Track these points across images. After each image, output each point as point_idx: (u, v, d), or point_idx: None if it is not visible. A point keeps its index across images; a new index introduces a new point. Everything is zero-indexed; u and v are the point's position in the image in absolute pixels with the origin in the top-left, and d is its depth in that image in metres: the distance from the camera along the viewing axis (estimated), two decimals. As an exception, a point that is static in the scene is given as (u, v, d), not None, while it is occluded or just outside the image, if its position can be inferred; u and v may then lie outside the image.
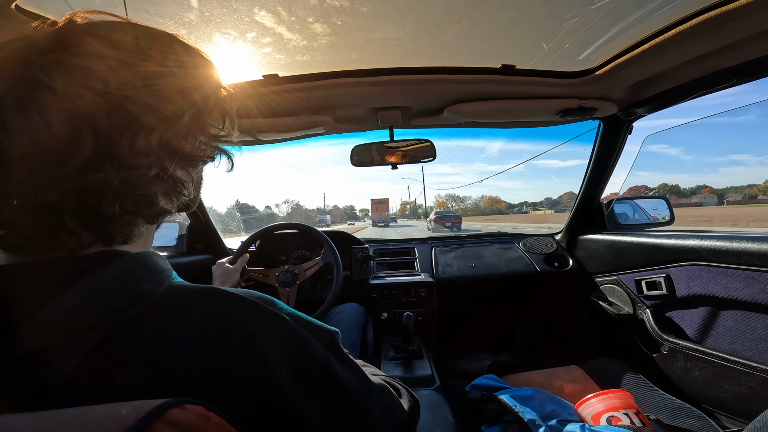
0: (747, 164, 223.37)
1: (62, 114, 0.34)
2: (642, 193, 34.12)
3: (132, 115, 0.38)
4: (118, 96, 0.37)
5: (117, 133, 0.37)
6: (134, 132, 0.38)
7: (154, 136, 0.40)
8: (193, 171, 0.49)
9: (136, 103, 0.38)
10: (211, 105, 0.47)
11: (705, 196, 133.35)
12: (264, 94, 1.26)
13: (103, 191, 0.37)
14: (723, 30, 0.93)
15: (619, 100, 1.45)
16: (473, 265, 2.03)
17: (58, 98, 0.34)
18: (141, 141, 0.39)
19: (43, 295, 0.34)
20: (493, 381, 1.26)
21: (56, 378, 0.32)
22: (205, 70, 0.47)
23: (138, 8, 0.89)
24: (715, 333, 1.23)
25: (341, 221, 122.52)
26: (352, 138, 1.79)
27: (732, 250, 1.13)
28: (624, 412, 1.00)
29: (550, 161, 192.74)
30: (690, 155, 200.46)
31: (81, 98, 0.35)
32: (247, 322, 0.40)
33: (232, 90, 0.51)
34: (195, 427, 0.29)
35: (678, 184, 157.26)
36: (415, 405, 0.64)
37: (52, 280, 0.35)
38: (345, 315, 1.55)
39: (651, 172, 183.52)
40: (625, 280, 1.64)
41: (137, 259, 0.41)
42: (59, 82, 0.34)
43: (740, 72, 1.10)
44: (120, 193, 0.38)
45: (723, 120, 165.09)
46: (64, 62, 0.35)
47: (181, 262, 1.71)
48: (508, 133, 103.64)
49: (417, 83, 1.30)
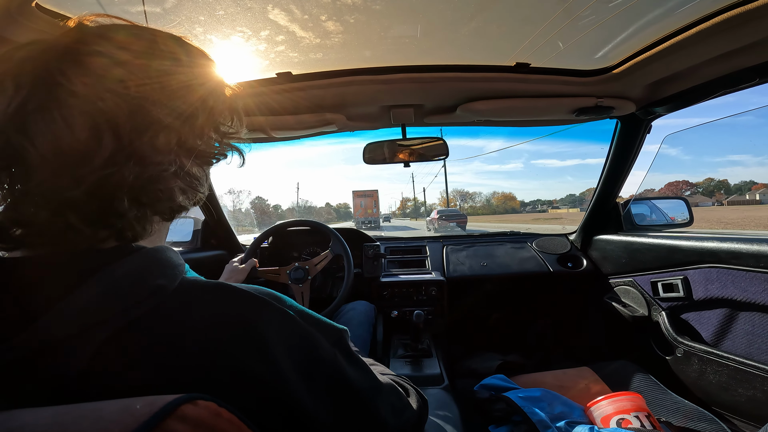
0: None
1: (85, 116, 0.36)
2: (681, 189, 32.60)
3: (152, 115, 0.39)
4: (138, 97, 0.38)
5: (138, 132, 0.38)
6: (155, 131, 0.40)
7: (173, 134, 0.41)
8: (207, 168, 0.51)
9: (154, 104, 0.39)
10: (221, 103, 0.48)
11: (765, 192, 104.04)
12: (277, 92, 1.27)
13: (120, 187, 0.38)
14: (745, 29, 0.90)
15: (637, 98, 1.42)
16: (485, 264, 2.02)
17: (80, 101, 0.36)
18: (162, 139, 0.40)
19: (59, 287, 0.35)
20: (503, 381, 1.25)
21: (70, 369, 0.33)
22: (212, 70, 0.48)
23: (155, 6, 0.91)
24: (731, 336, 1.21)
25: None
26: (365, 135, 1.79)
27: (752, 253, 1.10)
28: (635, 415, 0.99)
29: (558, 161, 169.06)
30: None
31: (103, 100, 0.36)
32: (254, 317, 0.40)
33: (237, 89, 0.53)
34: (207, 423, 0.30)
35: (726, 179, 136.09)
36: (424, 404, 0.64)
37: (69, 273, 0.36)
38: (355, 313, 1.56)
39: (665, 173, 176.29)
40: (640, 282, 1.61)
41: (152, 254, 0.42)
42: (80, 86, 0.35)
43: (763, 71, 1.06)
44: (137, 188, 0.39)
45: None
46: (83, 65, 0.37)
47: (195, 257, 1.74)
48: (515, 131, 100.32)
49: (430, 81, 1.29)
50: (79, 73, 0.36)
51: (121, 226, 0.40)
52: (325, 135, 1.68)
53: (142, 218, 0.42)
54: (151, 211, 0.43)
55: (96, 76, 0.37)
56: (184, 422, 0.28)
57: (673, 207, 1.97)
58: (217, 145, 0.50)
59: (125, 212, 0.39)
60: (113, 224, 0.40)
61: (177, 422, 0.28)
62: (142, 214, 0.42)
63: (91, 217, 0.38)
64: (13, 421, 0.26)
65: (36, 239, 0.38)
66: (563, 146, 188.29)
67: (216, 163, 0.53)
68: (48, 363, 0.33)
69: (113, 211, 0.39)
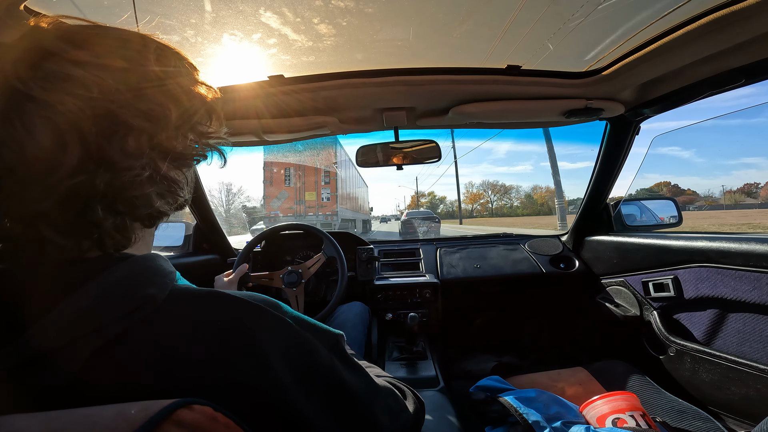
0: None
1: (46, 122, 0.34)
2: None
3: (119, 118, 0.38)
4: (102, 100, 0.36)
5: (105, 137, 0.37)
6: (123, 135, 0.38)
7: (144, 137, 0.40)
8: (186, 171, 0.49)
9: (121, 106, 0.38)
10: (196, 103, 0.46)
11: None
12: (270, 95, 1.27)
13: (91, 195, 0.37)
14: (732, 30, 0.92)
15: (626, 100, 1.44)
16: (478, 266, 2.03)
17: (39, 107, 0.34)
18: (131, 143, 0.39)
19: (47, 299, 0.34)
20: (498, 382, 1.25)
21: (60, 379, 0.32)
22: (184, 68, 0.46)
23: (145, 9, 0.90)
24: (723, 335, 1.22)
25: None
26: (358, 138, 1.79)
27: (740, 252, 1.12)
28: (630, 414, 0.99)
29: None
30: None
31: (63, 104, 0.34)
32: (250, 325, 0.40)
33: (214, 88, 0.50)
34: (203, 428, 0.29)
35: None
36: (420, 407, 0.64)
37: (56, 285, 0.36)
38: (350, 315, 1.56)
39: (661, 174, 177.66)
40: (632, 282, 1.63)
41: (141, 262, 0.41)
42: (38, 91, 0.34)
43: (749, 72, 1.08)
44: (110, 196, 0.38)
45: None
46: (40, 69, 0.35)
47: (187, 262, 1.72)
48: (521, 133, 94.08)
49: (422, 84, 1.29)
50: (36, 77, 0.35)
51: (100, 236, 0.39)
52: (318, 138, 1.68)
53: (122, 226, 0.41)
54: (130, 218, 0.42)
55: (55, 80, 0.35)
56: (180, 427, 0.28)
57: (663, 207, 2.00)
58: (196, 147, 0.48)
59: (101, 221, 0.38)
60: (91, 235, 0.39)
61: (173, 427, 0.28)
62: (120, 222, 0.40)
63: (65, 229, 0.37)
64: (5, 427, 0.26)
65: (17, 253, 0.37)
66: (573, 148, 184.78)
67: (197, 165, 0.51)
68: (37, 374, 0.32)
69: (88, 221, 0.37)
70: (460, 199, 52.01)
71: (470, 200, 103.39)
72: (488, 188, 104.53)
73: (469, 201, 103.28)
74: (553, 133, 15.74)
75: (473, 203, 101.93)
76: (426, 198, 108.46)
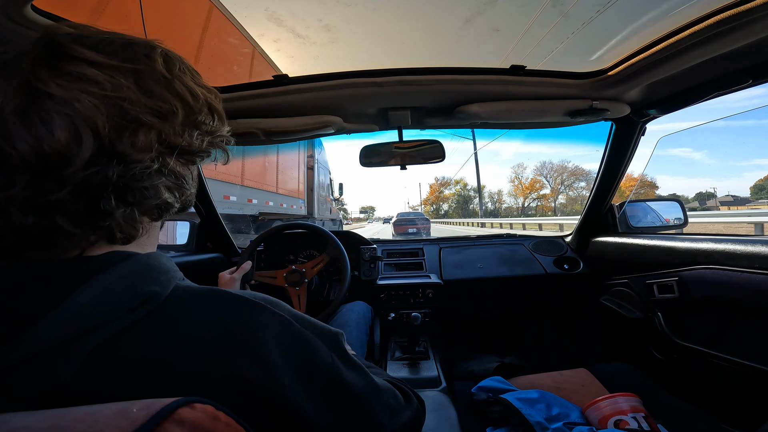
0: None
1: (63, 118, 0.36)
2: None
3: (130, 114, 0.39)
4: (115, 98, 0.38)
5: (117, 132, 0.38)
6: (134, 130, 0.40)
7: (152, 133, 0.42)
8: (192, 167, 0.51)
9: (132, 104, 0.40)
10: (200, 102, 0.48)
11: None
12: (274, 95, 1.28)
13: (104, 186, 0.38)
14: (739, 31, 0.91)
15: (631, 101, 1.42)
16: (481, 266, 2.02)
17: (57, 104, 0.36)
18: (141, 138, 0.40)
19: (51, 296, 0.35)
20: (500, 383, 1.25)
21: (61, 377, 0.33)
22: (187, 72, 0.49)
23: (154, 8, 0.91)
24: (727, 337, 1.21)
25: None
26: (361, 138, 1.79)
27: (746, 254, 1.11)
28: (632, 416, 0.99)
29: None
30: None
31: (79, 101, 0.36)
32: (249, 322, 0.41)
33: (215, 89, 0.53)
34: (204, 426, 0.29)
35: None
36: (421, 407, 0.64)
37: (59, 281, 0.36)
38: (353, 314, 1.56)
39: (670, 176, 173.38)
40: (636, 283, 1.62)
41: (144, 260, 0.42)
42: (56, 89, 0.36)
43: (756, 72, 1.07)
44: (121, 187, 0.39)
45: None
46: (57, 68, 0.37)
47: (191, 260, 1.73)
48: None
49: (426, 84, 1.29)
50: (54, 76, 0.36)
51: (110, 226, 0.40)
52: (322, 137, 1.68)
53: (131, 218, 0.42)
54: (139, 210, 0.43)
55: (71, 79, 0.37)
56: (182, 425, 0.28)
57: (668, 209, 1.98)
58: (202, 144, 0.50)
59: (113, 211, 0.39)
60: (102, 225, 0.40)
61: (174, 425, 0.28)
62: (129, 214, 0.42)
63: (79, 218, 0.38)
64: (7, 425, 0.26)
65: (29, 245, 0.38)
66: (583, 150, 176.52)
67: (201, 161, 0.53)
68: (38, 371, 0.32)
69: (100, 211, 0.39)
70: (481, 194, 45.59)
71: (523, 191, 63.83)
72: (547, 172, 60.60)
73: (523, 192, 63.90)
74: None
75: (525, 196, 63.75)
76: (451, 189, 76.57)
